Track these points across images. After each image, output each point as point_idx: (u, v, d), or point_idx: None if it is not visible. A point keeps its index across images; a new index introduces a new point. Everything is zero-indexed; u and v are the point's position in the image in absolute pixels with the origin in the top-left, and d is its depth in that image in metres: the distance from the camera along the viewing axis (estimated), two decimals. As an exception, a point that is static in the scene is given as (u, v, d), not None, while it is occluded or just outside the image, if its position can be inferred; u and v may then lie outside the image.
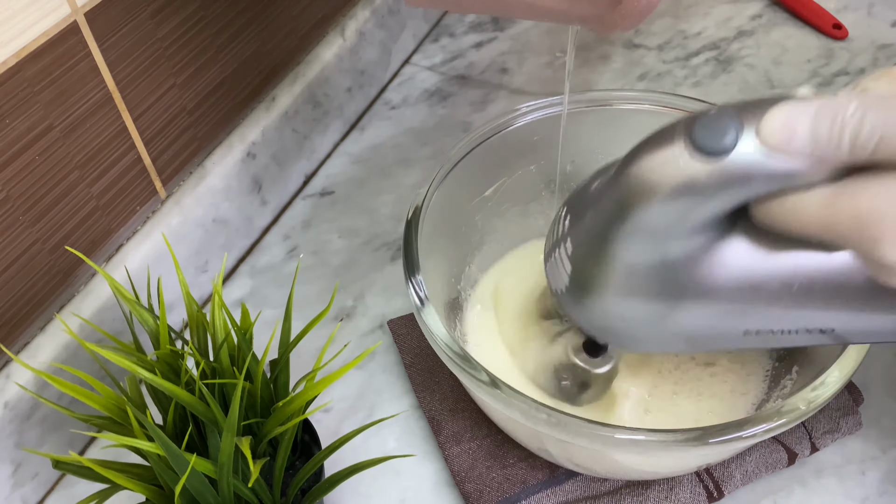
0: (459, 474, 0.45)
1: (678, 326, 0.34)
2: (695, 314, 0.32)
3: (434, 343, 0.39)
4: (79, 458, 0.34)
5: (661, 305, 0.33)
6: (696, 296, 0.32)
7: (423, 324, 0.40)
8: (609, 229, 0.32)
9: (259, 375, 0.38)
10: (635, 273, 0.32)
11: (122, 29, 0.44)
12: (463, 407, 0.48)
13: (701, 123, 0.28)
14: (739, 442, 0.35)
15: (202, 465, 0.35)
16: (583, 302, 0.35)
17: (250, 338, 0.39)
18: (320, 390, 0.37)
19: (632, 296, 0.33)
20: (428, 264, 0.43)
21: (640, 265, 0.32)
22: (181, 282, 0.40)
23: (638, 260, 0.32)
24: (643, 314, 0.34)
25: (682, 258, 0.31)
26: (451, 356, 0.38)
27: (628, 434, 0.35)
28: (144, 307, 0.40)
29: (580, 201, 0.36)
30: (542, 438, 0.41)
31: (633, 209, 0.31)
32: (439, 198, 0.46)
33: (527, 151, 0.51)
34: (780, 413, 0.35)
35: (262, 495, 0.38)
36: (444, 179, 0.47)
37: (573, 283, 0.35)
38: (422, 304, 0.41)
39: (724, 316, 0.32)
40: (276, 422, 0.37)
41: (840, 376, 0.37)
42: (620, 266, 0.33)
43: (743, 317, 0.32)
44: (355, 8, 0.67)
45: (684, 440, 0.35)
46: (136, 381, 0.39)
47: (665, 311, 0.33)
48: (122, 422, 0.37)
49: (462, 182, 0.48)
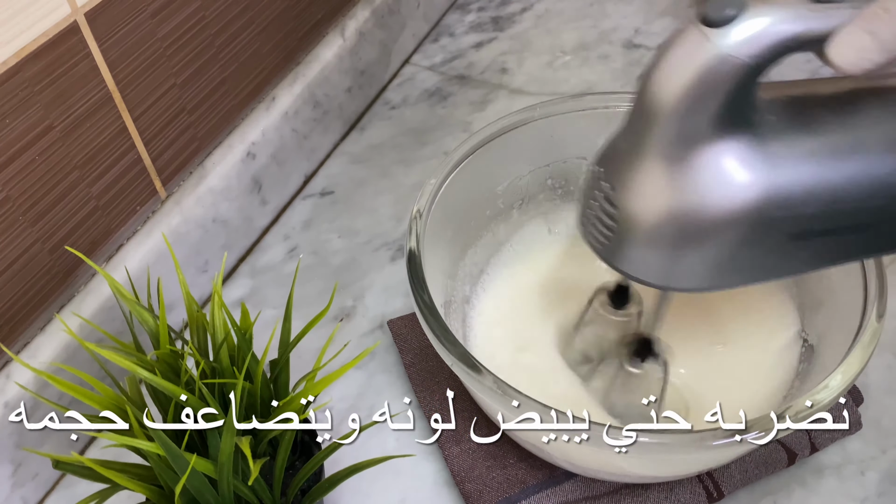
0: (459, 474, 0.45)
1: (738, 242, 0.33)
2: (750, 220, 0.33)
3: (437, 346, 0.39)
4: (80, 457, 0.34)
5: (718, 221, 0.33)
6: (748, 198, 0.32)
7: (426, 326, 0.40)
8: (644, 144, 0.33)
9: (259, 375, 0.38)
10: (685, 189, 0.32)
11: (122, 29, 0.44)
12: (463, 407, 0.48)
13: (707, 5, 0.30)
14: (743, 445, 0.35)
15: (202, 465, 0.35)
16: (628, 242, 0.35)
17: (250, 338, 0.39)
18: (320, 390, 0.37)
19: (689, 218, 0.33)
20: (430, 262, 0.43)
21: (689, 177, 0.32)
22: (181, 282, 0.40)
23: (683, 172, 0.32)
24: (702, 235, 0.33)
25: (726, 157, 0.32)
26: (456, 359, 0.38)
27: (630, 437, 0.35)
28: (144, 307, 0.40)
29: (609, 147, 0.36)
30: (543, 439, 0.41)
31: (664, 110, 0.31)
32: (445, 196, 0.46)
33: (539, 150, 0.51)
34: (783, 417, 0.35)
35: (262, 495, 0.38)
36: (451, 176, 0.47)
37: (622, 228, 0.35)
38: (425, 306, 0.41)
39: (776, 220, 0.33)
40: None
41: (844, 380, 0.37)
42: (670, 185, 0.33)
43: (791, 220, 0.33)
44: (355, 8, 0.67)
45: (685, 443, 0.35)
46: (136, 381, 0.39)
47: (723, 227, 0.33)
48: (123, 419, 0.37)
49: (469, 179, 0.48)
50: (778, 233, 0.33)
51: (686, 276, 0.35)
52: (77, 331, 0.46)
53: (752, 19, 0.29)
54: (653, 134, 0.32)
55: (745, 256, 0.34)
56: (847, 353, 0.38)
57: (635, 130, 0.33)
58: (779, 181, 0.32)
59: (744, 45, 0.29)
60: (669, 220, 0.33)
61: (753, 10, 0.29)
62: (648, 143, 0.33)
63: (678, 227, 0.33)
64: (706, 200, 0.32)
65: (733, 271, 0.35)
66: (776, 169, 0.32)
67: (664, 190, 0.33)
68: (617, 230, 0.35)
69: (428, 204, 0.45)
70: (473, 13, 0.82)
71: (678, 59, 0.31)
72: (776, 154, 0.32)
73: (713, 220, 0.33)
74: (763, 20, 0.29)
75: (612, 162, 0.35)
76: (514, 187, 0.52)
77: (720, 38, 0.30)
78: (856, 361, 0.37)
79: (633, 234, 0.34)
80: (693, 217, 0.33)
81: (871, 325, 0.38)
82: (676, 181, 0.32)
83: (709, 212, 0.32)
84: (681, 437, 0.35)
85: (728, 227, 0.33)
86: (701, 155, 0.32)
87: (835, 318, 0.43)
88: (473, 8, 0.82)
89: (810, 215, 0.33)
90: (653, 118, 0.32)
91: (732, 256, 0.34)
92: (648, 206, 0.33)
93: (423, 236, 0.44)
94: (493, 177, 0.51)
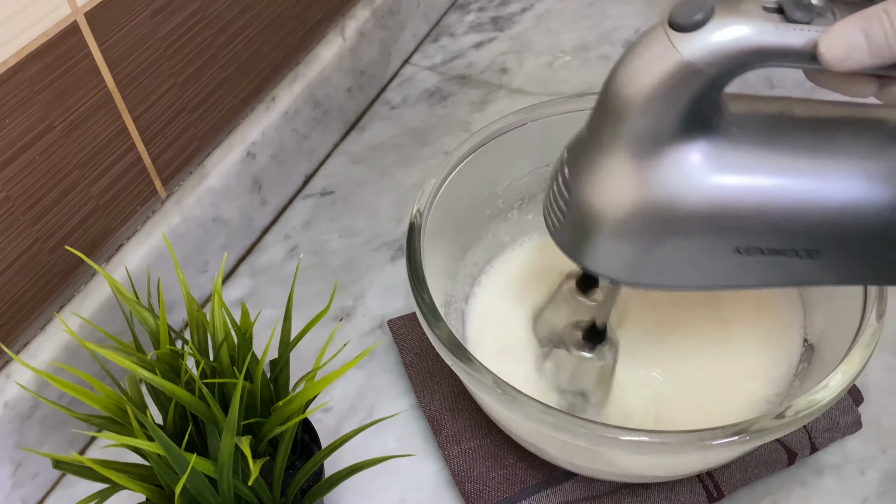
0: (459, 474, 0.45)
1: (675, 243, 0.34)
2: (691, 224, 0.33)
3: (437, 345, 0.39)
4: (79, 457, 0.34)
5: (658, 219, 0.33)
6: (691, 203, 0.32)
7: (426, 326, 0.40)
8: (601, 137, 0.33)
9: (259, 375, 0.38)
10: (630, 185, 0.33)
11: (122, 29, 0.44)
12: (463, 407, 0.48)
13: (677, 6, 0.30)
14: (743, 444, 0.35)
15: (202, 465, 0.35)
16: (582, 232, 0.35)
17: (250, 337, 0.39)
18: (320, 390, 0.37)
19: (629, 212, 0.33)
20: (430, 262, 0.43)
21: (635, 175, 0.33)
22: (181, 282, 0.40)
23: (633, 170, 0.33)
24: (641, 231, 0.34)
25: (676, 161, 0.32)
26: (456, 357, 0.38)
27: (631, 436, 0.35)
28: (144, 307, 0.40)
29: (577, 135, 0.36)
30: (543, 439, 0.41)
31: (627, 108, 0.31)
32: (445, 196, 0.46)
33: (539, 150, 0.51)
34: (782, 416, 0.35)
35: (262, 495, 0.38)
36: (451, 175, 0.47)
37: (571, 213, 0.35)
38: (425, 305, 0.41)
39: (719, 229, 0.33)
40: (276, 421, 0.37)
41: (843, 380, 0.37)
42: (617, 180, 0.33)
43: (734, 230, 0.33)
44: (355, 8, 0.67)
45: (684, 442, 0.35)
46: (136, 381, 0.39)
47: (662, 225, 0.33)
48: (123, 421, 0.37)
49: (470, 179, 0.48)
50: (723, 242, 0.34)
51: (625, 268, 0.36)
52: (77, 331, 0.46)
53: (718, 29, 0.29)
54: (610, 128, 0.33)
55: (685, 259, 0.34)
56: (847, 352, 0.38)
57: (596, 122, 0.34)
58: (728, 192, 0.32)
59: (705, 54, 0.29)
60: (614, 211, 0.34)
61: (720, 19, 0.29)
62: (605, 135, 0.33)
63: (622, 219, 0.34)
64: (652, 199, 0.33)
65: (674, 272, 0.35)
66: (728, 179, 0.32)
67: (613, 182, 0.33)
68: (567, 215, 0.36)
69: (428, 203, 0.45)
70: (473, 13, 0.82)
71: (642, 61, 0.31)
72: (731, 165, 0.32)
73: (657, 218, 0.33)
74: (727, 31, 0.29)
75: (575, 149, 0.36)
76: (514, 187, 0.52)
77: (684, 44, 0.29)
78: (856, 361, 0.37)
79: (580, 221, 0.35)
80: (636, 212, 0.33)
81: (871, 325, 0.38)
82: (625, 175, 0.33)
83: (653, 210, 0.33)
84: (679, 437, 0.35)
85: (673, 227, 0.33)
86: (653, 154, 0.32)
87: (835, 318, 0.43)
88: (473, 8, 0.82)
89: (757, 231, 0.33)
90: (612, 114, 0.32)
91: (672, 257, 0.34)
92: (595, 196, 0.34)
93: (423, 236, 0.44)
94: (493, 177, 0.51)
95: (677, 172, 0.32)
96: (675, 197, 0.32)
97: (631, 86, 0.31)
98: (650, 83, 0.31)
